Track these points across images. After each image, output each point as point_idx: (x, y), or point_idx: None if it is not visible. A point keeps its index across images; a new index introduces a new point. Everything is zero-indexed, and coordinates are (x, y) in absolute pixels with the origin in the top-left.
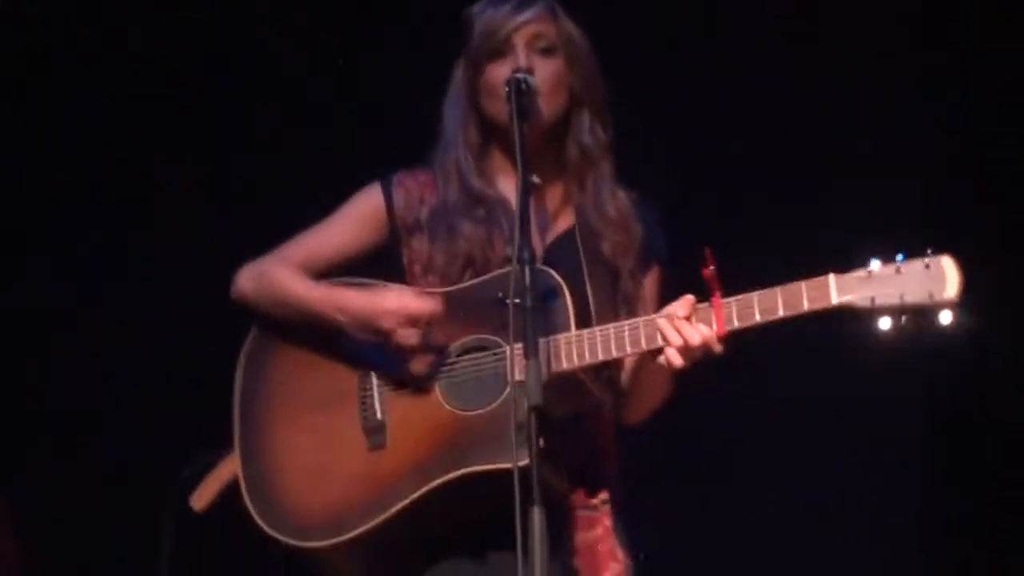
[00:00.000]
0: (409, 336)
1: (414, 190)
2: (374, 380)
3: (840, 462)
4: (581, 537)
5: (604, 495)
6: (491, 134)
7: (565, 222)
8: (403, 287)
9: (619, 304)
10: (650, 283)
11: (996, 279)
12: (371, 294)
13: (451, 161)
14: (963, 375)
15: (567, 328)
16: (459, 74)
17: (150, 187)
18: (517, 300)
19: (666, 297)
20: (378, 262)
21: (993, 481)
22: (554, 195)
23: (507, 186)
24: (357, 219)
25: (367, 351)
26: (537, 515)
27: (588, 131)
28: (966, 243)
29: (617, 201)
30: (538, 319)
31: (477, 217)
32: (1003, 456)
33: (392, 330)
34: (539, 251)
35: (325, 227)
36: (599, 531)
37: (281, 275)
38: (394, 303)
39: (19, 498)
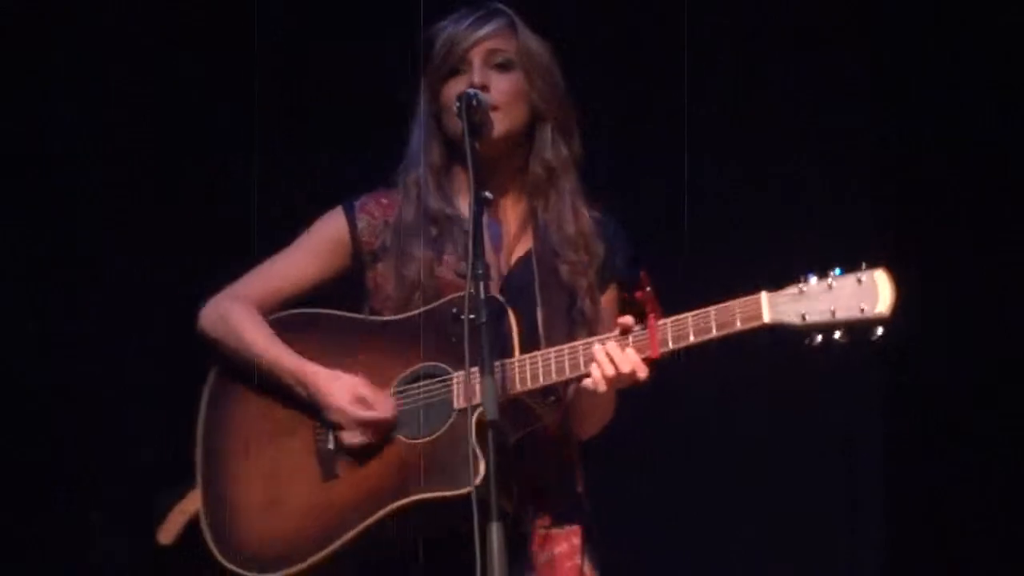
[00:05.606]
0: (349, 438)
1: (378, 214)
2: None
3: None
4: (541, 555)
5: (568, 513)
6: (453, 153)
7: (526, 243)
8: (358, 379)
9: (576, 326)
10: (606, 302)
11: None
12: (329, 380)
13: (412, 180)
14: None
15: (511, 354)
16: (424, 93)
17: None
18: (472, 316)
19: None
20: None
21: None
22: (517, 214)
23: (467, 203)
24: (321, 248)
25: None
26: (496, 531)
27: (551, 146)
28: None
29: (579, 219)
30: (490, 342)
31: (429, 237)
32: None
33: (336, 425)
34: (503, 272)
35: (289, 257)
36: (564, 548)
37: (245, 323)
38: (343, 404)
39: None
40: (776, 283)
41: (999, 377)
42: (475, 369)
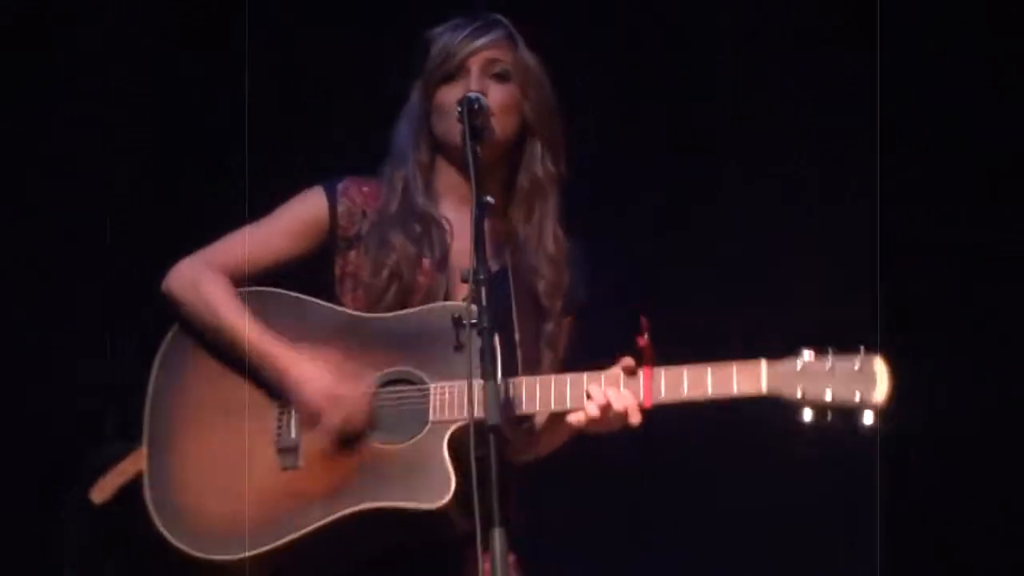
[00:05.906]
0: (318, 440)
1: (358, 201)
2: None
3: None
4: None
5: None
6: (439, 155)
7: (504, 257)
8: (331, 378)
9: (544, 346)
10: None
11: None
12: (303, 372)
13: (399, 177)
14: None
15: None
16: (415, 94)
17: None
18: (475, 321)
19: (587, 348)
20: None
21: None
22: (498, 226)
23: (450, 207)
24: (299, 227)
25: None
26: (498, 536)
27: (539, 161)
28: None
29: (557, 240)
30: (466, 360)
31: (412, 233)
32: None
33: (304, 423)
34: None
35: (265, 230)
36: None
37: (217, 292)
38: (315, 404)
39: None
40: (775, 285)
41: (1000, 379)
42: (460, 382)
